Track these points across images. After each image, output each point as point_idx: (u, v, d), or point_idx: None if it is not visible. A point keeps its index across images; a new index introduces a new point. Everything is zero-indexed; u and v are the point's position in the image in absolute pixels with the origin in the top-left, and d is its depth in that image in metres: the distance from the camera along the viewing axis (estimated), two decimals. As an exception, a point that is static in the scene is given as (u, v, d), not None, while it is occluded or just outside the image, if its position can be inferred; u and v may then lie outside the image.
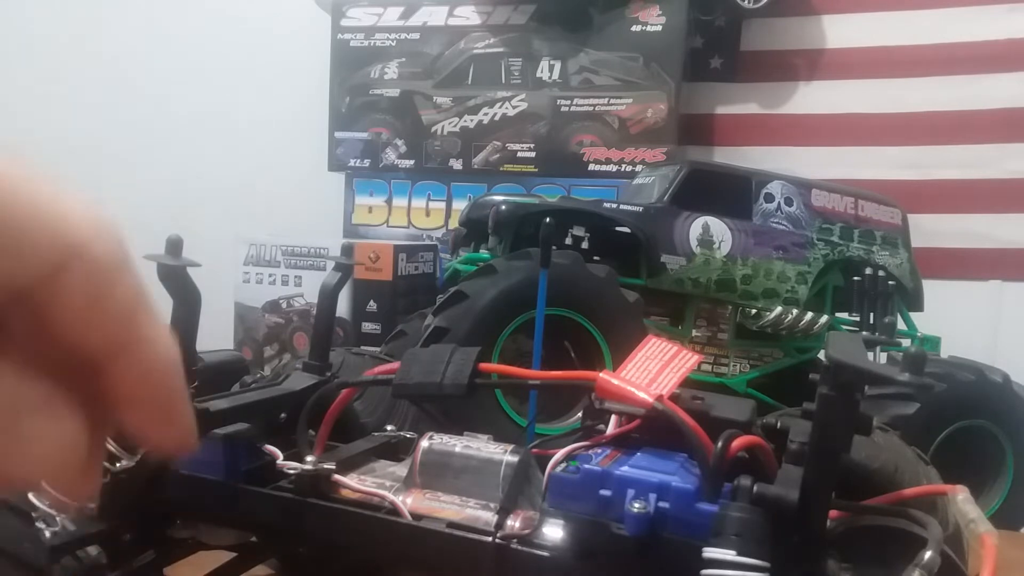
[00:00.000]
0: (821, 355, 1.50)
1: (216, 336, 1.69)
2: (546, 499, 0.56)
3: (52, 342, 0.21)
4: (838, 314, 1.60)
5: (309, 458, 0.65)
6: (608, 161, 2.11)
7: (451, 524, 0.60)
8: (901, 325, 1.63)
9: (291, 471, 0.65)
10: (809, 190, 1.59)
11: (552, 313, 1.17)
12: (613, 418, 0.63)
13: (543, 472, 0.59)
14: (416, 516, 0.61)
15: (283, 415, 0.76)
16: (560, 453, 0.58)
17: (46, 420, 0.20)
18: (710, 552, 0.48)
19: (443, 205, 2.25)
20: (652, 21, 2.07)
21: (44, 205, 0.20)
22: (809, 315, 1.53)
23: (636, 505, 0.52)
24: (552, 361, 1.23)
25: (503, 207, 1.48)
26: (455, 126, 2.22)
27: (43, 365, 0.21)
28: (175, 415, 0.22)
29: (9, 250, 0.19)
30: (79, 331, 0.21)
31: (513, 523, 0.59)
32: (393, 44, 2.27)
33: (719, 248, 1.50)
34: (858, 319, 1.59)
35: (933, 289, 1.70)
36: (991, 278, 2.03)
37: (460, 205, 2.14)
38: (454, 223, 1.97)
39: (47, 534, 0.62)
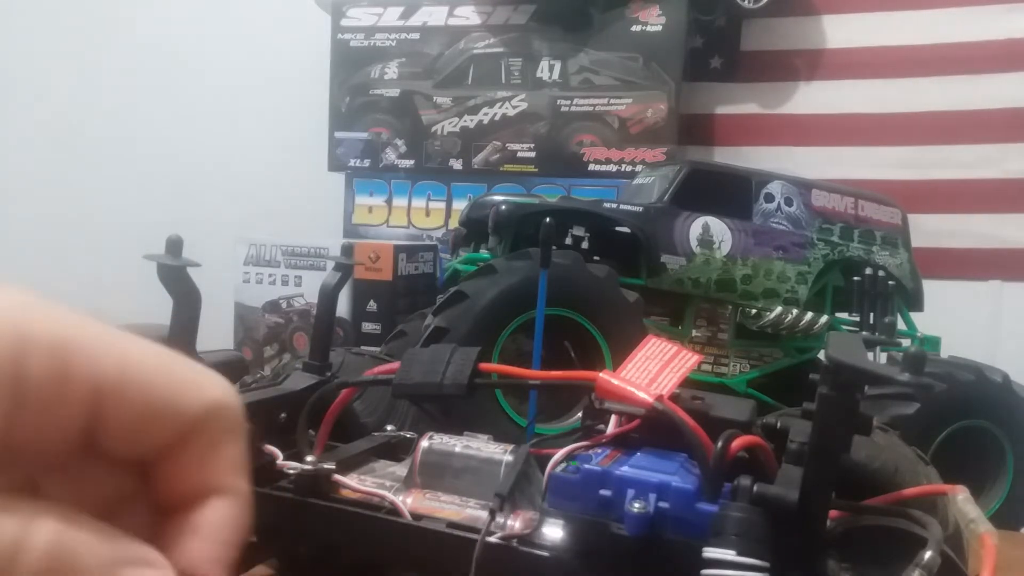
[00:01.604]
0: (821, 355, 1.50)
1: (216, 336, 1.70)
2: (546, 499, 0.56)
3: (164, 490, 0.25)
4: (838, 314, 1.60)
5: (309, 458, 0.65)
6: (608, 161, 2.11)
7: (451, 524, 0.60)
8: (901, 325, 1.63)
9: (291, 471, 0.65)
10: (809, 190, 1.59)
11: (552, 313, 1.17)
12: (613, 418, 0.63)
13: (543, 472, 0.59)
14: (416, 516, 0.61)
15: (283, 415, 0.76)
16: (560, 453, 0.58)
17: (146, 573, 0.23)
18: (710, 552, 0.48)
19: (443, 205, 2.25)
20: (652, 21, 2.07)
21: (186, 369, 0.24)
22: (809, 315, 1.53)
23: (636, 505, 0.52)
24: (552, 361, 1.23)
25: (503, 207, 1.48)
26: (455, 126, 2.22)
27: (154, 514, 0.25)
28: (234, 560, 0.25)
29: (154, 425, 0.23)
30: (182, 482, 0.25)
31: (509, 520, 0.59)
32: (393, 44, 2.27)
33: (719, 248, 1.50)
34: (858, 319, 1.59)
35: (933, 289, 1.70)
36: (991, 278, 2.03)
37: (460, 205, 2.14)
38: (454, 223, 1.97)
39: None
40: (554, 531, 0.56)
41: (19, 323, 0.21)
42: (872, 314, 1.58)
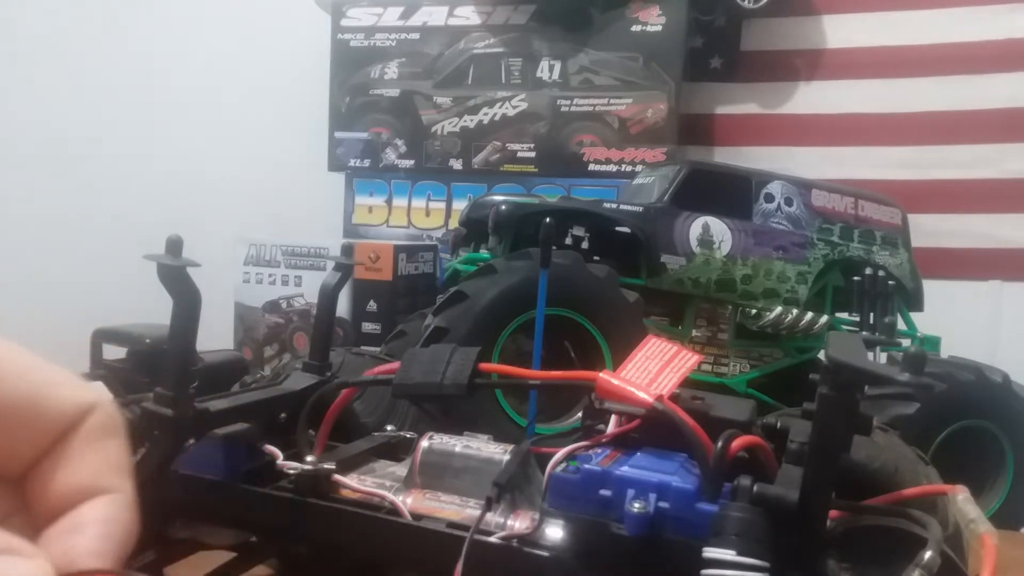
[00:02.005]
0: (821, 355, 1.50)
1: (216, 336, 1.70)
2: (546, 499, 0.56)
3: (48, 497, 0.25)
4: (838, 314, 1.60)
5: (309, 458, 0.65)
6: (608, 161, 2.11)
7: (451, 524, 0.60)
8: (901, 325, 1.63)
9: (291, 471, 0.65)
10: (809, 190, 1.59)
11: (552, 313, 1.17)
12: (613, 418, 0.62)
13: (543, 472, 0.59)
14: (416, 516, 0.61)
15: (283, 415, 0.76)
16: (560, 453, 0.58)
17: (14, 563, 0.22)
18: (710, 552, 0.48)
19: (443, 205, 2.25)
20: (652, 21, 2.07)
21: (53, 373, 0.25)
22: (809, 315, 1.53)
23: (636, 505, 0.51)
24: (552, 361, 1.23)
25: (503, 207, 1.48)
26: (455, 126, 2.22)
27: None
28: (118, 555, 0.25)
29: (48, 402, 0.24)
30: (77, 477, 0.25)
31: (509, 520, 0.59)
32: (393, 44, 2.27)
33: (719, 248, 1.50)
34: (858, 319, 1.59)
35: (933, 289, 1.70)
36: (991, 278, 2.03)
37: (460, 205, 2.14)
38: (454, 223, 1.97)
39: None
40: (554, 531, 0.56)
41: None
42: (872, 314, 1.58)
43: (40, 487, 0.25)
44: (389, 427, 0.84)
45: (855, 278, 1.59)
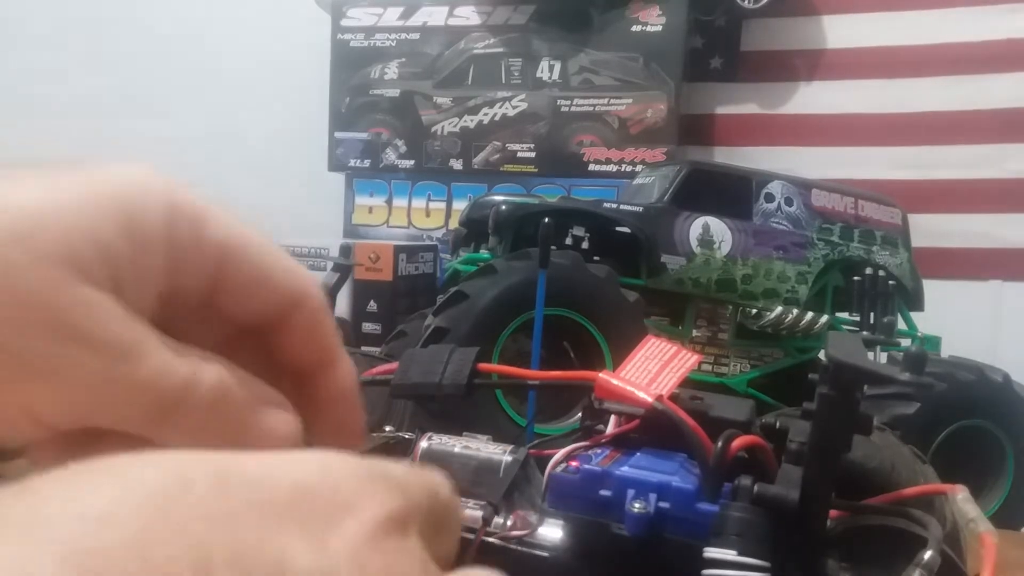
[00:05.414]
0: (821, 355, 1.50)
1: (216, 336, 1.69)
2: (546, 499, 0.56)
3: (277, 361, 0.28)
4: (838, 314, 1.60)
5: (308, 458, 0.65)
6: (608, 161, 2.11)
7: (451, 524, 0.59)
8: (901, 325, 1.63)
9: (290, 471, 0.65)
10: (809, 190, 1.59)
11: (552, 313, 1.17)
12: (612, 418, 0.62)
13: (543, 472, 0.59)
14: (416, 516, 0.61)
15: (283, 415, 0.76)
16: (560, 453, 0.58)
17: (282, 414, 0.26)
18: (711, 552, 0.48)
19: (443, 205, 2.25)
20: (652, 21, 2.07)
21: (280, 258, 0.27)
22: (809, 315, 1.53)
23: (636, 505, 0.51)
24: (552, 361, 1.23)
25: (503, 207, 1.49)
26: (455, 126, 2.22)
27: (270, 378, 0.27)
28: (355, 418, 0.29)
29: (265, 288, 0.27)
30: (300, 353, 0.28)
31: (510, 521, 0.59)
32: (393, 44, 2.27)
33: (719, 248, 1.50)
34: (858, 319, 1.59)
35: (933, 289, 1.70)
36: (991, 278, 2.03)
37: (460, 205, 2.14)
38: (454, 223, 1.97)
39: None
40: (554, 531, 0.56)
41: (169, 197, 0.26)
42: (872, 314, 1.58)
43: (279, 346, 0.28)
44: (388, 427, 0.84)
45: (855, 278, 1.59)
